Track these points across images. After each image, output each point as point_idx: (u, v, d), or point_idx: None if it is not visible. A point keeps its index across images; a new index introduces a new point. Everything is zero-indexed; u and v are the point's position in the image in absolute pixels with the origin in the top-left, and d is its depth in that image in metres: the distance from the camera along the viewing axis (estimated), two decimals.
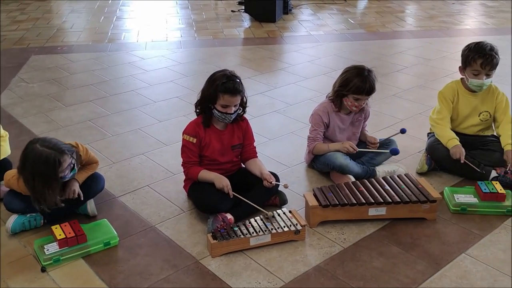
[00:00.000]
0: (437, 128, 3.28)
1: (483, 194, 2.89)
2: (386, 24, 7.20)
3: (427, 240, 2.66)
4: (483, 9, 8.44)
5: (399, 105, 4.38)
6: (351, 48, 6.08)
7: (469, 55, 3.17)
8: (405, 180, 2.94)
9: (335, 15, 7.69)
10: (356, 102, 3.12)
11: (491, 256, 2.55)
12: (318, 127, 3.21)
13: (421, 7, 8.45)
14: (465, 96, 3.29)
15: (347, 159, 3.11)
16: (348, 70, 3.13)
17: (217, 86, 2.69)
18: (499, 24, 7.39)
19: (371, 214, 2.76)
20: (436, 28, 7.08)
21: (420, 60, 5.65)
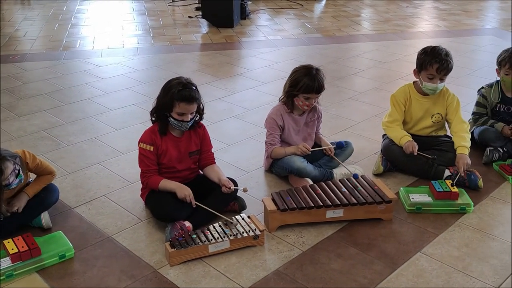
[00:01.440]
0: (389, 130, 3.35)
1: (437, 193, 2.96)
2: (342, 28, 7.31)
3: (384, 240, 2.70)
4: (435, 12, 8.67)
5: (356, 108, 4.45)
6: (308, 52, 6.14)
7: (425, 60, 3.23)
8: (361, 181, 2.98)
9: (292, 20, 7.76)
10: (307, 101, 3.15)
11: (446, 253, 2.61)
12: (274, 130, 3.23)
13: (376, 11, 8.62)
14: (417, 99, 3.36)
15: (304, 162, 3.13)
16: (296, 70, 3.16)
17: (173, 94, 2.67)
18: (451, 27, 7.60)
19: (329, 216, 2.79)
20: (390, 31, 7.23)
21: (375, 63, 5.75)
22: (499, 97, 3.63)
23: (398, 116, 3.35)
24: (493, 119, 3.63)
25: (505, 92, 3.63)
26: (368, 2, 9.36)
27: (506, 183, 3.27)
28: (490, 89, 3.66)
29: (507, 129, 3.50)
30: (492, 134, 3.52)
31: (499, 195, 3.13)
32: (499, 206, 3.03)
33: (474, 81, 4.96)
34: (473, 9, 8.83)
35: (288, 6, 8.68)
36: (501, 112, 3.66)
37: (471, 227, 2.82)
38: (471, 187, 3.14)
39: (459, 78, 5.18)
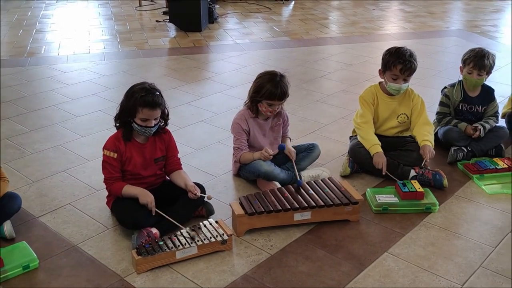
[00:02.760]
0: (361, 130, 3.38)
1: (403, 194, 2.99)
2: (310, 31, 7.36)
3: (351, 241, 2.72)
4: (401, 14, 8.80)
5: (323, 110, 4.47)
6: (276, 55, 6.16)
7: (389, 60, 3.28)
8: (329, 183, 3.00)
9: (260, 23, 7.78)
10: (270, 107, 3.16)
11: (412, 253, 2.64)
12: (240, 135, 3.23)
13: (344, 13, 8.70)
14: (383, 100, 3.40)
15: (272, 165, 3.14)
16: (260, 76, 3.17)
17: (136, 100, 2.64)
18: (417, 28, 7.72)
19: (296, 219, 2.79)
20: (357, 34, 7.30)
21: (342, 65, 5.80)
22: (461, 96, 3.70)
23: (370, 116, 3.38)
24: (457, 119, 3.70)
25: (467, 91, 3.70)
26: (335, 5, 9.45)
27: (470, 182, 3.33)
28: (453, 89, 3.73)
29: (470, 128, 3.56)
30: (456, 134, 3.58)
31: (464, 194, 3.19)
32: (464, 204, 3.08)
33: (439, 82, 5.03)
34: (438, 11, 8.99)
35: (256, 10, 8.70)
36: (463, 111, 3.73)
37: (437, 226, 2.86)
38: (436, 187, 3.18)
39: (424, 79, 5.27)
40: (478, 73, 3.57)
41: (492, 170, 3.38)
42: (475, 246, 2.69)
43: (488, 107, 3.71)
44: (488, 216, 2.98)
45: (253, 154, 3.18)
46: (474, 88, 3.67)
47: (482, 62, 3.53)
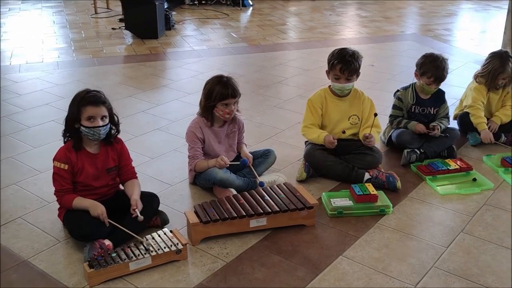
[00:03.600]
0: (307, 133, 3.44)
1: (357, 197, 3.03)
2: (267, 37, 7.39)
3: (307, 246, 2.73)
4: (357, 19, 8.94)
5: (280, 116, 4.49)
6: (234, 61, 6.16)
7: (331, 60, 3.36)
8: (284, 189, 3.00)
9: (218, 30, 7.77)
10: (227, 108, 3.16)
11: (366, 255, 2.66)
12: (195, 144, 3.20)
13: (301, 19, 8.78)
14: (333, 102, 3.45)
15: (227, 173, 3.12)
16: (208, 82, 3.19)
17: (79, 102, 2.62)
18: (372, 33, 7.85)
19: (252, 225, 2.79)
20: (314, 39, 7.38)
21: (299, 70, 5.85)
22: (414, 99, 3.77)
23: (314, 120, 3.45)
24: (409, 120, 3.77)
25: (419, 94, 3.78)
26: (293, 10, 9.53)
27: (423, 183, 3.39)
28: (406, 92, 3.79)
29: (420, 126, 3.63)
30: (408, 137, 3.65)
31: (417, 195, 3.24)
32: (417, 206, 3.13)
33: (394, 85, 5.08)
34: (393, 16, 9.17)
35: (214, 16, 8.69)
36: (416, 114, 3.80)
37: (391, 228, 2.90)
38: (390, 189, 3.23)
39: (380, 83, 5.36)
40: (437, 84, 3.66)
41: (444, 171, 3.45)
42: (428, 247, 2.74)
43: (440, 109, 3.80)
44: (440, 217, 3.04)
45: (208, 162, 3.17)
46: (428, 93, 3.75)
47: (442, 75, 3.63)
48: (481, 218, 3.01)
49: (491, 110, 4.06)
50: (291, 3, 10.25)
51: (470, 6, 10.43)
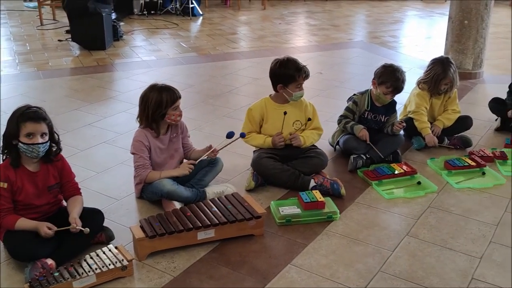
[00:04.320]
0: (250, 139, 3.51)
1: (305, 204, 3.04)
2: (217, 47, 7.39)
3: (255, 256, 2.72)
4: (307, 28, 9.05)
5: (230, 125, 4.45)
6: (184, 72, 6.13)
7: (293, 74, 3.37)
8: (232, 199, 2.99)
9: (167, 40, 7.72)
10: (177, 110, 3.17)
11: (314, 263, 2.68)
12: (142, 152, 3.16)
13: (251, 28, 8.82)
14: (276, 110, 3.49)
15: (175, 184, 3.09)
16: (148, 95, 3.15)
17: (18, 117, 2.55)
18: (321, 41, 7.96)
19: (200, 238, 2.76)
20: (264, 48, 7.42)
21: (249, 79, 5.86)
22: (369, 105, 3.83)
23: (252, 129, 3.53)
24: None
25: (374, 101, 3.84)
26: (243, 19, 9.57)
27: (370, 188, 3.44)
28: (362, 97, 3.85)
29: (363, 132, 3.68)
30: (355, 143, 3.71)
31: (363, 200, 3.29)
32: (364, 211, 3.18)
33: (342, 92, 5.20)
34: (341, 24, 9.33)
35: (163, 26, 8.63)
36: (368, 120, 3.86)
37: (338, 234, 2.93)
38: (335, 195, 3.27)
39: (327, 90, 5.43)
40: (393, 95, 3.73)
41: (390, 175, 3.52)
42: (374, 251, 2.78)
43: (390, 117, 3.87)
44: (386, 221, 3.09)
45: (161, 172, 3.13)
46: (383, 102, 3.81)
47: (400, 86, 3.71)
48: (426, 221, 3.08)
49: (434, 114, 4.17)
50: (241, 12, 10.30)
51: (415, 13, 10.73)
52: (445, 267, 2.67)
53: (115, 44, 7.28)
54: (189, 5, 9.36)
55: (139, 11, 9.36)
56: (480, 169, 3.68)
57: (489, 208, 3.23)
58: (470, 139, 4.08)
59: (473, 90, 5.59)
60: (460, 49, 5.85)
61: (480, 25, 5.74)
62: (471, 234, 2.95)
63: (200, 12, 9.67)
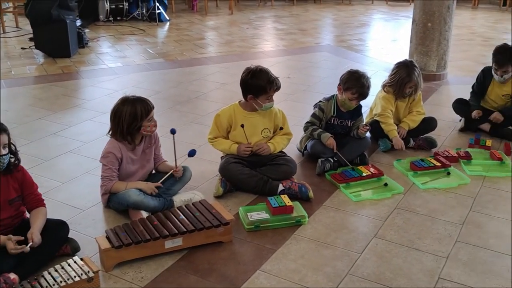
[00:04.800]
0: (216, 145, 3.52)
1: (273, 209, 3.04)
2: (185, 52, 7.35)
3: (224, 263, 2.70)
4: (274, 32, 9.09)
5: (198, 131, 4.45)
6: (151, 78, 6.08)
7: (264, 86, 3.37)
8: (200, 206, 2.97)
9: (134, 46, 7.65)
10: (152, 121, 3.14)
11: (283, 268, 2.67)
12: (113, 165, 3.11)
13: (219, 33, 8.81)
14: (245, 117, 3.48)
15: (141, 195, 3.04)
16: (121, 109, 3.08)
17: None
18: (289, 45, 8.00)
19: (168, 246, 2.73)
20: (232, 53, 7.42)
21: (217, 85, 5.85)
22: (334, 111, 3.85)
23: (219, 134, 3.52)
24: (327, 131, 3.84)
25: (340, 107, 3.86)
26: (211, 25, 9.55)
27: (337, 191, 3.46)
28: (328, 103, 3.86)
29: (331, 141, 3.69)
30: (322, 146, 3.72)
31: (331, 204, 3.31)
32: (332, 214, 3.19)
33: (310, 96, 5.23)
34: (309, 28, 9.40)
35: (130, 32, 8.55)
36: (334, 125, 3.88)
37: (306, 238, 2.93)
38: (303, 199, 3.28)
39: (295, 94, 5.45)
40: (358, 101, 3.76)
41: (357, 178, 3.55)
42: (343, 254, 2.79)
43: (356, 121, 3.90)
44: (354, 223, 3.11)
45: (127, 184, 3.10)
46: (349, 108, 3.83)
47: (365, 92, 3.73)
48: (393, 222, 3.11)
49: (399, 116, 4.22)
50: (208, 17, 10.28)
51: (380, 16, 10.88)
52: (412, 267, 2.69)
53: (81, 51, 7.18)
54: (155, 10, 9.30)
55: (104, 18, 9.26)
56: (445, 169, 3.74)
57: (454, 208, 3.28)
58: (435, 140, 4.14)
59: (438, 91, 5.68)
60: (424, 51, 5.95)
61: (443, 28, 5.84)
62: (437, 234, 2.99)
63: (167, 18, 9.62)
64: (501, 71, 4.32)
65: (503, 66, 4.30)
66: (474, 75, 4.71)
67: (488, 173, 3.71)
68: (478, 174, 3.71)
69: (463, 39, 8.56)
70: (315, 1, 12.49)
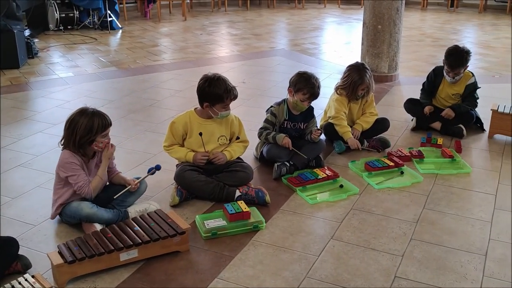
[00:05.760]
0: (171, 153, 3.48)
1: (230, 216, 3.02)
2: (138, 60, 7.26)
3: (181, 273, 2.67)
4: (228, 38, 9.08)
5: (152, 140, 4.40)
6: (103, 87, 5.97)
7: (221, 95, 3.35)
8: (155, 216, 2.92)
9: (85, 55, 7.50)
10: (106, 138, 3.05)
11: (241, 274, 2.66)
12: (78, 171, 2.99)
13: (172, 40, 8.74)
14: (201, 124, 3.45)
15: (94, 207, 2.97)
16: (76, 120, 2.97)
17: None
18: (243, 50, 8.01)
19: (123, 259, 2.67)
20: (186, 60, 7.37)
21: (171, 92, 5.79)
22: (286, 115, 3.86)
23: (174, 141, 3.48)
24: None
25: (291, 110, 3.87)
26: (164, 31, 9.47)
27: (294, 194, 3.47)
28: (279, 107, 3.87)
29: (286, 140, 3.71)
30: (277, 150, 3.73)
31: (289, 207, 3.31)
32: (289, 218, 3.20)
33: (265, 101, 5.22)
34: (263, 33, 9.44)
35: (81, 41, 8.39)
36: (288, 129, 3.89)
37: (264, 243, 2.93)
38: (260, 204, 3.27)
39: (250, 99, 5.46)
40: (310, 102, 3.78)
41: (313, 181, 3.57)
42: (301, 258, 2.80)
43: (309, 123, 3.92)
44: (311, 226, 3.12)
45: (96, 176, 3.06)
46: (301, 109, 3.85)
47: (317, 92, 3.76)
48: (349, 223, 3.14)
49: (352, 118, 4.28)
50: (161, 24, 10.19)
51: (333, 20, 11.04)
52: (369, 267, 2.72)
53: (30, 61, 6.98)
54: (107, 18, 9.15)
55: (54, 27, 9.04)
56: (399, 168, 3.80)
57: (408, 206, 3.34)
58: (388, 140, 4.21)
59: (390, 92, 5.79)
60: (375, 53, 6.06)
61: (393, 29, 5.97)
62: (392, 233, 3.04)
63: (119, 26, 9.49)
64: (453, 73, 4.44)
65: (455, 68, 4.42)
66: (425, 75, 4.82)
67: (440, 171, 3.80)
68: (430, 172, 3.79)
69: (413, 40, 8.77)
70: (268, 5, 12.56)
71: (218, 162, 3.42)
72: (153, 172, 3.24)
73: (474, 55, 7.25)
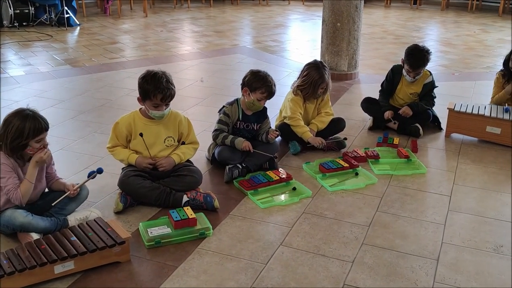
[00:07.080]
0: (115, 154, 3.34)
1: (175, 223, 2.89)
2: (93, 58, 7.04)
3: (121, 285, 2.52)
4: (189, 35, 8.91)
5: (101, 142, 4.20)
6: (55, 86, 5.74)
7: (148, 89, 3.18)
8: (95, 225, 2.77)
9: (39, 53, 7.24)
10: (40, 142, 2.85)
11: (184, 285, 2.53)
12: (11, 174, 2.81)
13: (132, 37, 8.53)
14: (146, 125, 3.31)
15: (29, 216, 2.79)
16: (10, 121, 2.77)
17: None
18: (204, 48, 7.86)
19: (58, 272, 2.51)
20: (145, 57, 7.18)
21: (126, 91, 5.61)
22: (240, 115, 3.74)
23: (118, 143, 3.33)
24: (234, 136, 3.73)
25: (244, 110, 3.76)
26: (124, 28, 9.24)
27: (245, 198, 3.36)
28: (232, 107, 3.75)
29: (246, 143, 3.60)
30: (229, 152, 3.61)
31: (239, 212, 3.19)
32: (238, 223, 3.08)
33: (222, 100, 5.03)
34: (225, 30, 9.29)
35: (36, 38, 8.11)
36: (241, 129, 3.78)
37: (211, 251, 2.80)
38: (209, 209, 3.15)
39: (207, 98, 5.32)
40: (266, 100, 3.68)
41: (265, 183, 3.46)
42: (248, 266, 2.68)
43: (263, 124, 3.82)
44: (261, 232, 3.01)
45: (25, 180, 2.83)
46: (257, 109, 3.73)
47: (273, 90, 3.67)
48: (300, 228, 3.04)
49: (308, 118, 4.18)
50: (121, 20, 9.95)
51: (297, 17, 10.96)
52: (317, 275, 2.62)
53: None
54: (64, 15, 8.87)
55: (9, 23, 8.73)
56: (353, 169, 3.73)
57: (361, 209, 3.26)
58: (343, 141, 4.13)
59: (349, 90, 5.73)
60: (335, 51, 5.99)
61: (352, 27, 5.90)
62: (344, 238, 2.95)
63: (76, 22, 9.21)
64: (414, 73, 4.39)
65: (417, 69, 4.37)
66: (385, 73, 4.75)
67: (395, 172, 3.74)
68: (385, 173, 3.73)
69: (375, 37, 8.75)
70: (232, 2, 12.42)
71: (162, 169, 3.27)
72: (94, 176, 3.05)
73: (435, 53, 7.29)
